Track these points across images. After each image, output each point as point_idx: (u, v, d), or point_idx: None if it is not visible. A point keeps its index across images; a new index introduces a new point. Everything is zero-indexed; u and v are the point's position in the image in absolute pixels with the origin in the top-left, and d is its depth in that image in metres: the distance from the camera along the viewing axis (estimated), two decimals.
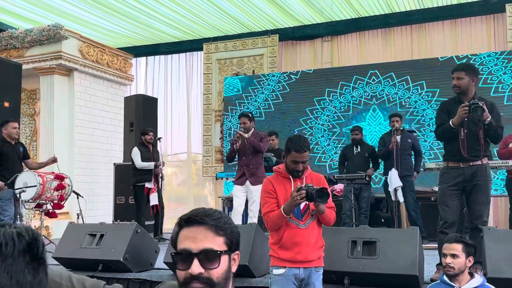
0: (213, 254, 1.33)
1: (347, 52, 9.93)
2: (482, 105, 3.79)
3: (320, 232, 3.09)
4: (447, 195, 4.01)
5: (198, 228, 1.35)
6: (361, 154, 7.22)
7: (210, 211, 1.39)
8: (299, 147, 2.97)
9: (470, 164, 3.97)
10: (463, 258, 2.95)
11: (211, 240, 1.34)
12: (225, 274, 1.35)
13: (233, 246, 1.39)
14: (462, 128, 3.96)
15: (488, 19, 8.98)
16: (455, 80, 4.03)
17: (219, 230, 1.36)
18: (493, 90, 8.20)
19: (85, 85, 9.50)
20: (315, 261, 3.01)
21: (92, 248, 4.40)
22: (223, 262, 1.34)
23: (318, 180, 3.09)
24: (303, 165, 3.02)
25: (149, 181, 7.16)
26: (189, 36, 10.76)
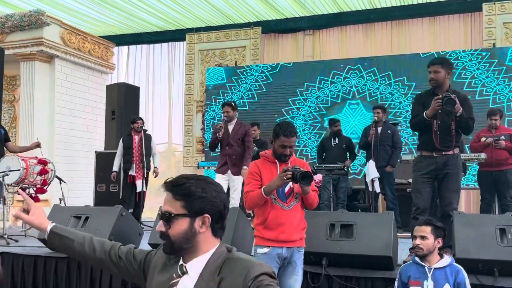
0: (167, 216, 1.54)
1: (328, 46, 10.09)
2: (454, 98, 3.97)
3: (303, 214, 3.26)
4: (420, 182, 4.21)
5: (166, 193, 1.58)
6: (339, 145, 7.39)
7: (175, 178, 1.59)
8: (288, 132, 3.14)
9: (443, 154, 4.18)
10: (432, 240, 3.12)
11: (170, 205, 1.55)
12: (183, 234, 1.53)
13: (193, 210, 1.54)
14: (436, 120, 4.14)
15: (466, 17, 9.25)
16: (432, 74, 4.17)
17: (176, 195, 1.54)
18: (466, 85, 8.45)
19: (66, 72, 9.46)
20: (298, 242, 3.18)
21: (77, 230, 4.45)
22: (179, 223, 1.53)
23: (302, 165, 3.23)
24: (290, 150, 3.19)
25: (129, 168, 7.19)
26: (172, 26, 10.78)
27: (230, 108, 6.20)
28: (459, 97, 4.14)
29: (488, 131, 6.49)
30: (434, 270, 3.09)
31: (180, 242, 1.54)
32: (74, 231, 1.87)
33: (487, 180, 6.38)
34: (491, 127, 6.46)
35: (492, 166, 6.27)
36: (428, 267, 3.11)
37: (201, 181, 1.58)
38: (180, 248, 1.55)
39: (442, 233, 3.18)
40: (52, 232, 1.82)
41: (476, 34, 9.13)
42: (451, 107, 3.98)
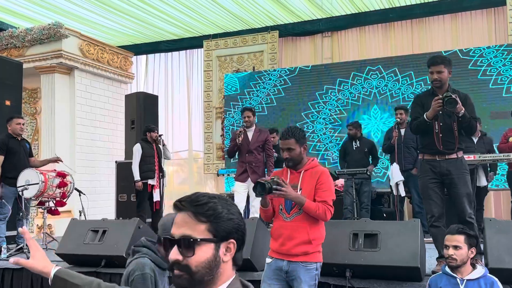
0: (188, 241, 1.26)
1: (347, 47, 9.92)
2: (455, 98, 3.78)
3: (309, 227, 2.99)
4: (429, 188, 4.00)
5: (181, 214, 1.30)
6: (361, 149, 7.22)
7: (195, 196, 1.31)
8: (282, 134, 3.08)
9: (446, 158, 3.98)
10: (465, 249, 2.94)
11: (191, 227, 1.27)
12: (207, 263, 1.27)
13: (221, 234, 1.29)
14: (437, 122, 3.96)
15: (489, 12, 8.97)
16: (435, 74, 3.98)
17: (200, 216, 1.27)
18: (492, 82, 8.18)
19: (85, 83, 9.52)
20: (301, 256, 2.95)
21: (95, 244, 4.41)
22: (203, 250, 1.26)
23: (312, 176, 3.04)
24: (288, 153, 3.04)
25: (151, 178, 7.11)
26: (189, 33, 10.76)
27: (251, 113, 6.12)
28: (460, 96, 3.94)
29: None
30: (467, 282, 2.90)
31: (202, 274, 1.27)
32: (80, 275, 1.69)
33: None
34: None
35: None
36: (460, 278, 2.93)
37: (223, 200, 1.34)
38: (201, 281, 1.27)
39: (475, 242, 3.00)
40: (56, 277, 1.64)
41: (501, 29, 8.83)
42: (453, 107, 3.79)
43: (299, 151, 3.05)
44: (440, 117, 3.95)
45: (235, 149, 6.08)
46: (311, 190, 3.00)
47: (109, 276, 4.31)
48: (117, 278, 4.26)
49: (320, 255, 3.07)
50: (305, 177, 3.05)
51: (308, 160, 3.13)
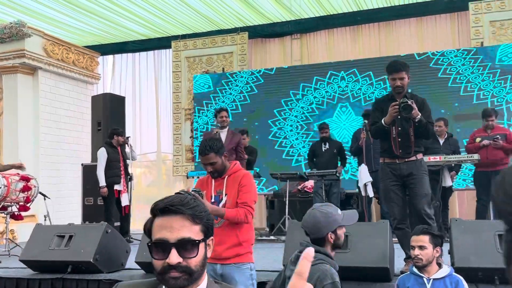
0: (191, 243, 1.32)
1: (316, 49, 10.00)
2: (411, 104, 3.87)
3: (238, 230, 3.08)
4: (390, 191, 4.10)
5: (174, 217, 1.33)
6: (330, 150, 7.30)
7: (185, 200, 1.37)
8: (200, 151, 3.12)
9: (405, 160, 4.08)
10: (431, 249, 3.00)
11: (189, 229, 1.33)
12: (202, 261, 1.36)
13: (209, 233, 1.40)
14: (394, 127, 4.05)
15: (453, 17, 9.20)
16: (397, 81, 4.04)
17: (196, 218, 1.35)
18: (462, 90, 8.36)
19: (50, 84, 9.27)
20: (233, 258, 3.06)
21: (61, 249, 4.29)
22: (200, 250, 1.35)
23: (235, 180, 3.13)
24: (211, 167, 3.11)
25: (117, 183, 6.98)
26: (157, 34, 10.63)
27: (227, 114, 6.10)
28: (417, 101, 4.05)
29: (484, 131, 6.44)
30: (433, 281, 2.97)
31: (199, 272, 1.36)
32: None
33: (483, 181, 6.31)
34: (487, 128, 6.40)
35: (488, 166, 6.21)
36: (427, 278, 2.99)
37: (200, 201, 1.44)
38: (197, 278, 1.36)
39: (439, 242, 3.07)
40: None
41: (464, 33, 9.08)
42: (408, 113, 3.89)
43: (220, 161, 3.12)
44: (398, 122, 4.04)
45: None
46: (235, 194, 3.08)
47: (76, 282, 4.20)
48: (83, 284, 4.16)
49: (251, 256, 3.16)
50: (229, 182, 3.13)
51: (231, 165, 3.21)
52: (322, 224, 2.52)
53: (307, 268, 0.99)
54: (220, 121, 6.02)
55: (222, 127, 6.00)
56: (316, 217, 2.54)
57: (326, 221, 2.53)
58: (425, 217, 3.90)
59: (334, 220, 2.55)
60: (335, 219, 2.56)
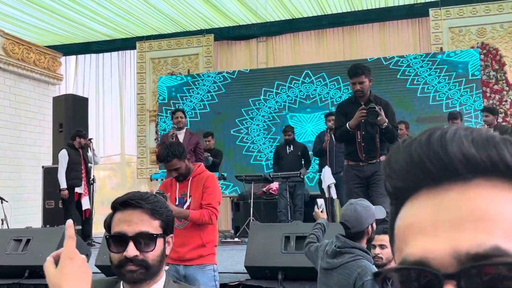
0: (149, 237, 1.36)
1: (281, 52, 10.07)
2: (379, 110, 3.91)
3: (202, 232, 3.10)
4: (353, 193, 4.15)
5: (133, 212, 1.37)
6: (294, 153, 7.37)
7: (146, 195, 1.41)
8: (163, 157, 3.13)
9: (369, 162, 4.16)
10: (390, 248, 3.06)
11: (147, 223, 1.37)
12: (160, 256, 1.39)
13: (168, 230, 1.44)
14: (359, 131, 4.08)
15: (414, 23, 9.44)
16: (357, 85, 4.06)
17: (155, 213, 1.38)
18: (419, 91, 8.61)
19: (9, 84, 9.03)
20: (197, 260, 3.07)
21: (18, 254, 4.17)
22: (158, 245, 1.38)
23: (199, 181, 3.14)
24: (176, 172, 3.12)
25: (78, 185, 6.85)
26: (122, 35, 10.48)
27: (183, 114, 5.99)
28: (381, 104, 4.09)
29: None
30: None
31: (156, 267, 1.39)
32: None
33: None
34: None
35: None
36: None
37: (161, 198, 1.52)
38: (154, 273, 1.39)
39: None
40: None
41: (424, 39, 9.32)
42: (374, 119, 3.93)
43: (184, 165, 3.13)
44: (363, 126, 4.08)
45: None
46: (199, 196, 3.10)
47: (33, 287, 4.09)
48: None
49: (214, 257, 3.19)
50: (193, 184, 3.14)
51: (195, 167, 3.22)
52: (363, 217, 2.62)
53: None
54: (176, 122, 5.92)
55: (178, 128, 5.90)
56: (358, 211, 2.63)
57: (367, 214, 2.65)
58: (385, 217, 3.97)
59: (372, 213, 2.69)
60: (374, 212, 2.71)
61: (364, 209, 2.68)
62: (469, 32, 8.82)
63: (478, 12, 8.74)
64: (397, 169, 0.49)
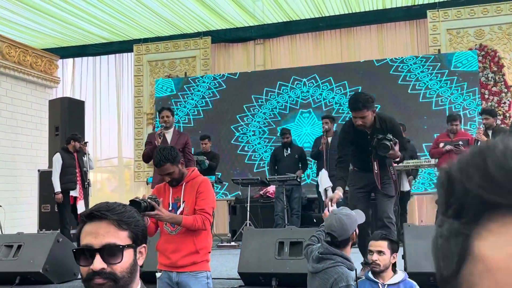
0: (115, 249, 1.31)
1: (279, 55, 10.03)
2: (389, 143, 3.73)
3: (195, 238, 3.03)
4: (355, 197, 4.10)
5: (100, 223, 1.33)
6: (291, 156, 7.32)
7: (112, 206, 1.37)
8: (156, 162, 3.07)
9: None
10: (388, 255, 3.01)
11: (114, 235, 1.33)
12: (129, 268, 1.34)
13: (138, 240, 1.38)
14: (376, 162, 3.93)
15: (411, 24, 9.39)
16: (358, 120, 3.84)
17: (122, 224, 1.34)
18: (421, 96, 8.53)
19: (5, 87, 9.00)
20: (190, 266, 3.01)
21: (9, 260, 4.12)
22: (127, 256, 1.33)
23: (193, 186, 3.09)
24: (169, 177, 3.07)
25: (73, 189, 6.80)
26: (119, 37, 10.44)
27: (170, 113, 5.63)
28: (386, 123, 3.92)
29: (447, 136, 6.55)
30: (388, 287, 2.98)
31: (126, 279, 1.33)
32: None
33: None
34: (451, 132, 6.51)
35: None
36: (381, 283, 3.00)
37: (133, 208, 1.44)
38: (125, 285, 1.34)
39: (396, 248, 3.09)
40: None
41: (422, 40, 9.28)
42: (386, 153, 3.77)
43: (177, 170, 3.07)
44: (376, 155, 3.90)
45: (152, 153, 5.34)
46: (193, 201, 3.05)
47: None
48: None
49: (208, 264, 3.12)
50: (187, 189, 3.09)
51: (189, 171, 3.16)
52: (348, 225, 2.72)
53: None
54: (162, 122, 5.61)
55: (166, 127, 5.57)
56: (342, 220, 2.72)
57: (351, 221, 2.75)
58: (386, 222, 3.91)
59: (355, 219, 2.80)
60: (355, 219, 2.81)
61: (348, 217, 2.75)
62: (467, 33, 8.78)
63: (476, 13, 8.70)
64: (503, 181, 0.37)
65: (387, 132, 3.85)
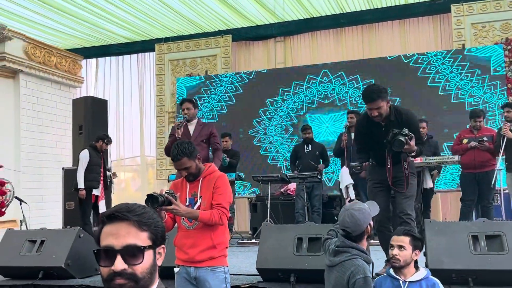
0: (136, 249, 1.32)
1: (300, 52, 9.98)
2: (404, 139, 3.66)
3: (213, 233, 3.02)
4: (373, 192, 4.02)
5: (120, 224, 1.34)
6: (312, 152, 7.27)
7: (133, 207, 1.38)
8: (172, 156, 3.07)
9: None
10: (410, 251, 2.95)
11: (134, 236, 1.33)
12: (149, 268, 1.35)
13: (157, 241, 1.39)
14: (389, 157, 3.87)
15: (435, 19, 9.23)
16: (374, 111, 3.80)
17: (143, 225, 1.35)
18: (440, 89, 8.41)
19: (31, 87, 9.18)
20: (207, 261, 3.00)
21: (32, 255, 4.21)
22: (147, 257, 1.34)
23: (210, 182, 3.08)
24: (186, 171, 3.06)
25: (96, 187, 6.85)
26: (141, 37, 10.56)
27: (191, 105, 5.37)
28: (402, 118, 3.86)
29: (470, 132, 6.41)
30: (409, 284, 2.92)
31: (146, 280, 1.35)
32: None
33: (470, 182, 6.28)
34: (474, 129, 6.37)
35: (474, 168, 6.19)
36: (403, 280, 2.94)
37: (152, 209, 1.46)
38: (145, 286, 1.35)
39: (420, 245, 3.01)
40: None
41: (446, 35, 9.11)
42: (401, 149, 3.69)
43: (194, 165, 3.07)
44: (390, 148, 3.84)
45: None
46: (210, 196, 3.04)
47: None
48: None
49: (225, 259, 3.10)
50: (204, 184, 3.08)
51: (206, 167, 3.16)
52: (361, 220, 2.73)
53: None
54: (183, 114, 5.39)
55: (187, 120, 5.35)
56: (354, 216, 2.73)
57: (364, 216, 2.75)
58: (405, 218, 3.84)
59: (368, 213, 2.80)
60: (368, 212, 2.80)
61: (360, 212, 2.76)
62: (493, 27, 8.57)
63: (502, 7, 8.49)
64: None
65: (402, 125, 3.78)
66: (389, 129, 3.81)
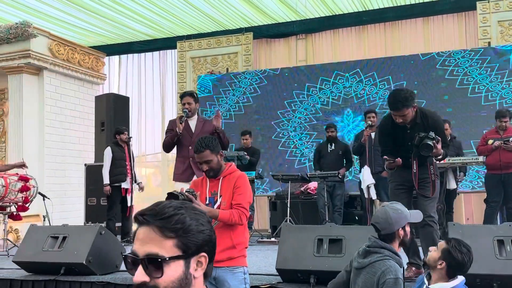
0: (155, 261, 1.12)
1: (321, 49, 9.90)
2: (433, 144, 3.58)
3: (232, 233, 3.03)
4: (395, 194, 3.95)
5: (145, 229, 1.16)
6: (335, 151, 7.21)
7: (161, 209, 1.17)
8: (195, 148, 3.06)
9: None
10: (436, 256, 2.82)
11: (157, 244, 1.14)
12: (177, 282, 1.14)
13: (191, 249, 1.16)
14: (415, 161, 3.80)
15: (460, 17, 9.05)
16: (399, 118, 3.76)
17: (167, 231, 1.14)
18: (469, 91, 8.20)
19: (55, 84, 9.31)
20: (226, 261, 2.99)
21: (54, 251, 4.26)
22: (172, 269, 1.13)
23: (230, 181, 3.06)
24: (207, 165, 3.05)
25: (124, 181, 6.95)
26: (163, 34, 10.61)
27: (192, 99, 4.97)
28: (428, 119, 3.78)
29: (496, 132, 6.28)
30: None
31: None
32: None
33: (495, 183, 6.16)
34: (500, 129, 6.24)
35: (500, 169, 6.07)
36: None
37: (191, 210, 1.20)
38: None
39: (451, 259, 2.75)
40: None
41: (471, 33, 8.92)
42: (429, 153, 3.63)
43: (216, 160, 3.06)
44: (416, 152, 3.77)
45: (174, 141, 4.88)
46: (230, 196, 3.03)
47: (69, 284, 4.17)
48: (76, 286, 4.13)
49: (245, 259, 3.09)
50: (224, 184, 3.08)
51: (226, 166, 3.15)
52: (393, 220, 2.63)
53: None
54: (185, 108, 4.92)
55: (188, 115, 4.93)
56: (387, 213, 2.64)
57: (398, 217, 2.64)
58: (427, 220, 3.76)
59: (404, 216, 2.68)
60: (405, 216, 2.69)
61: (395, 212, 2.65)
62: None
63: None
64: None
65: (427, 128, 3.71)
66: (415, 131, 3.75)
